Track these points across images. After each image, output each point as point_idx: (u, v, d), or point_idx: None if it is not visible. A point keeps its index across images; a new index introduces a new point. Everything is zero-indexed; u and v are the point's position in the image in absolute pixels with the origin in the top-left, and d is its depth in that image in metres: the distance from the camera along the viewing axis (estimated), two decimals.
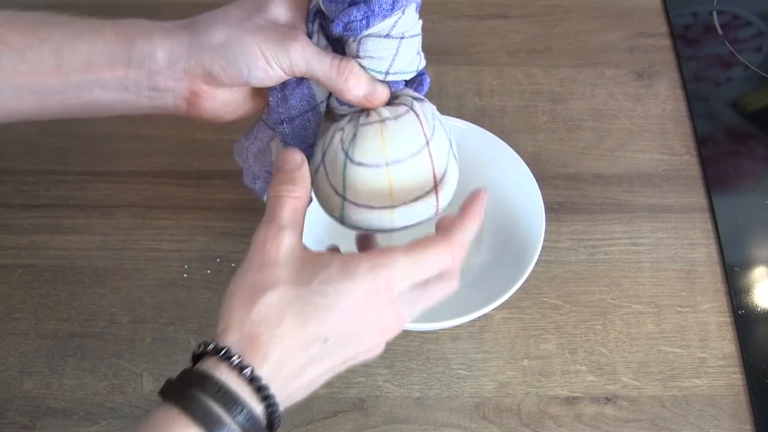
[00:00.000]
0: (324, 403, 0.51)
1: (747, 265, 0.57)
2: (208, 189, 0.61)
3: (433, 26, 0.72)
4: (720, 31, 0.72)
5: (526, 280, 0.48)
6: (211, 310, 0.55)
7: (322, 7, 0.40)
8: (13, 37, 0.40)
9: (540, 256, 0.49)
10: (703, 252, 0.58)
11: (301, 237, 0.37)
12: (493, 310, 0.47)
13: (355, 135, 0.41)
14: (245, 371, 0.33)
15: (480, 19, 0.73)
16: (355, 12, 0.38)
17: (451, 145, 0.43)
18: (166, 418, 0.33)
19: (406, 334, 0.54)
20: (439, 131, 0.42)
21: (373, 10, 0.38)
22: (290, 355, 0.34)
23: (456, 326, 0.53)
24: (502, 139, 0.54)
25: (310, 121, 0.44)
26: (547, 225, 0.51)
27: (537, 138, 0.65)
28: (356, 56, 0.40)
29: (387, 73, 0.41)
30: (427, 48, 0.70)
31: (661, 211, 0.60)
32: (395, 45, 0.40)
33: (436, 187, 0.42)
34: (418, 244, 0.37)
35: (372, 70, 0.41)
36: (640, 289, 0.56)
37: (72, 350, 0.53)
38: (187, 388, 0.34)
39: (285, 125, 0.43)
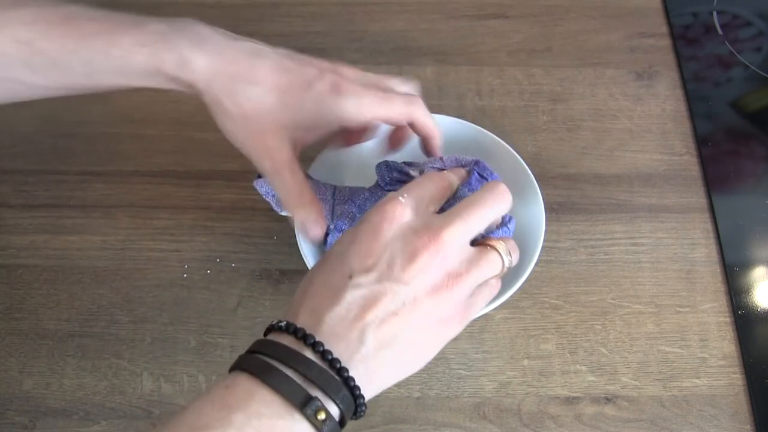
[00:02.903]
0: None
1: (747, 265, 0.57)
2: (208, 189, 0.61)
3: (433, 26, 0.72)
4: (720, 31, 0.72)
5: (526, 280, 0.48)
6: (211, 310, 0.55)
7: None
8: (42, 44, 0.41)
9: (540, 256, 0.49)
10: (703, 252, 0.58)
11: None
12: (493, 310, 0.47)
13: None
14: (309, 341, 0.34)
15: (480, 19, 0.73)
16: None
17: None
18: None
19: None
20: None
21: None
22: (326, 305, 0.34)
23: None
24: (502, 139, 0.54)
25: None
26: (547, 225, 0.51)
27: (537, 138, 0.65)
28: None
29: None
30: (427, 48, 0.70)
31: (661, 211, 0.60)
32: None
33: None
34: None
35: None
36: (640, 289, 0.56)
37: (72, 350, 0.53)
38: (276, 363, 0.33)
39: (347, 220, 0.47)
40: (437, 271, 0.36)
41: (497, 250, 0.38)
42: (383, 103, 0.44)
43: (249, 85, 0.42)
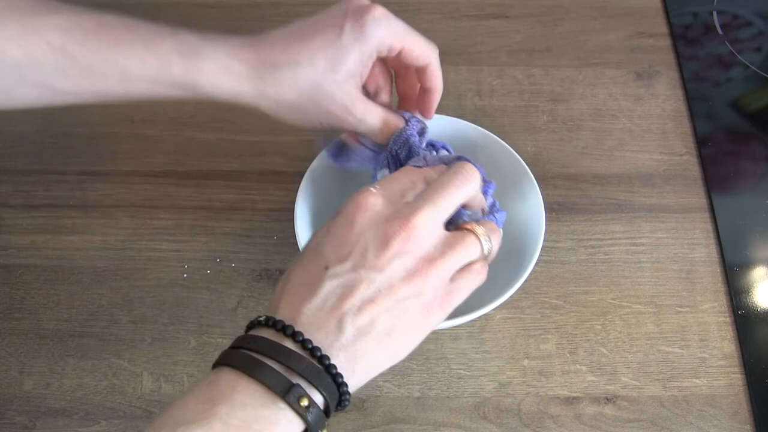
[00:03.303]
0: None
1: (747, 265, 0.57)
2: (208, 189, 0.61)
3: (433, 26, 0.72)
4: (720, 31, 0.72)
5: (526, 280, 0.48)
6: (211, 310, 0.55)
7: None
8: (76, 50, 0.41)
9: (540, 256, 0.49)
10: (703, 252, 0.58)
11: None
12: (493, 310, 0.47)
13: None
14: (288, 331, 0.34)
15: (480, 19, 0.73)
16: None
17: None
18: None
19: None
20: None
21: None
22: (304, 296, 0.35)
23: (456, 326, 0.53)
24: (502, 139, 0.54)
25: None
26: (547, 225, 0.51)
27: (537, 138, 0.65)
28: None
29: None
30: None
31: (661, 211, 0.60)
32: None
33: None
34: None
35: None
36: (640, 289, 0.56)
37: (72, 350, 0.53)
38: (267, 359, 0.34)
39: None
40: (411, 256, 0.36)
41: (474, 233, 0.38)
42: (411, 33, 0.44)
43: (294, 68, 0.42)
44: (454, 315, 0.47)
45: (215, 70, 0.42)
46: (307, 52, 0.42)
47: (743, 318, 0.55)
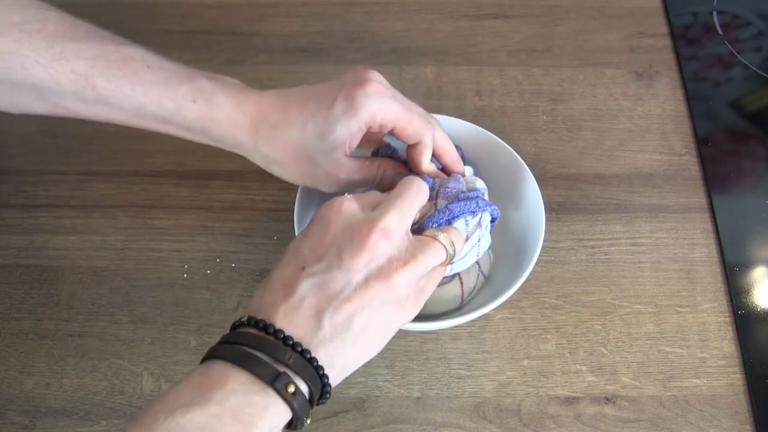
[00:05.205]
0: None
1: (747, 265, 0.57)
2: (208, 189, 0.61)
3: (433, 26, 0.72)
4: (720, 31, 0.72)
5: (526, 280, 0.48)
6: (211, 310, 0.55)
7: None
8: (98, 81, 0.44)
9: (540, 256, 0.49)
10: (703, 252, 0.58)
11: None
12: (493, 310, 0.47)
13: None
14: (267, 327, 0.36)
15: (480, 19, 0.73)
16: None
17: (479, 254, 0.47)
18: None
19: (405, 334, 0.54)
20: (471, 258, 0.47)
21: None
22: (282, 296, 0.37)
23: (456, 326, 0.53)
24: (502, 139, 0.54)
25: None
26: (547, 225, 0.51)
27: (537, 138, 0.65)
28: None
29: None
30: (427, 48, 0.70)
31: (661, 211, 0.60)
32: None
33: (462, 300, 0.50)
34: None
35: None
36: (640, 289, 0.56)
37: (72, 350, 0.53)
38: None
39: None
40: (383, 257, 0.38)
41: (439, 240, 0.41)
42: (405, 112, 0.46)
43: (286, 129, 0.45)
44: (454, 315, 0.48)
45: (224, 119, 0.45)
46: (301, 115, 0.45)
47: (743, 318, 0.55)
